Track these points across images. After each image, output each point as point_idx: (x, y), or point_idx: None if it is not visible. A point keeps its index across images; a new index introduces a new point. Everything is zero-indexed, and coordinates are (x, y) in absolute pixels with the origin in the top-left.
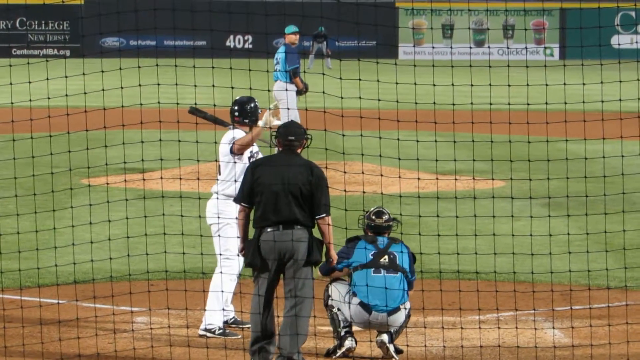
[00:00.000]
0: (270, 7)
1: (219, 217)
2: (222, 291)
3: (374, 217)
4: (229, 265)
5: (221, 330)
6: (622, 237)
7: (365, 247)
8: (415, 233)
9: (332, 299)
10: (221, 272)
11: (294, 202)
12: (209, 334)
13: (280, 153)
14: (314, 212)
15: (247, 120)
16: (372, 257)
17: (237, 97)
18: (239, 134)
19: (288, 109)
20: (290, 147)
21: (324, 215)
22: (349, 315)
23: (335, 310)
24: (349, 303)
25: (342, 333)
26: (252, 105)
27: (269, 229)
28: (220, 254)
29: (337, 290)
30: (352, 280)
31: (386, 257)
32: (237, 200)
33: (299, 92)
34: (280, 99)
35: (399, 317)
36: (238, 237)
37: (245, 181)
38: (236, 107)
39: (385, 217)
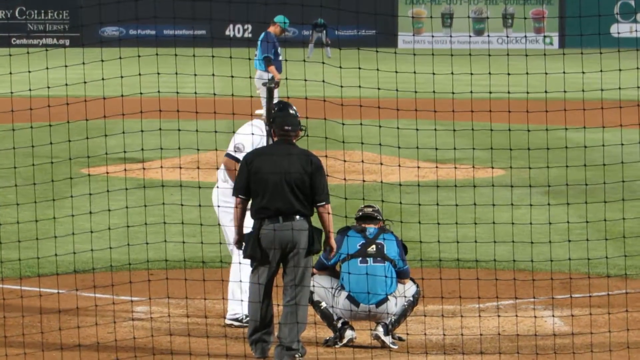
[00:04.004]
0: None
1: (218, 207)
2: (241, 281)
3: (363, 207)
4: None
5: (248, 318)
6: (621, 225)
7: (353, 236)
8: (415, 221)
9: (316, 295)
10: (233, 262)
11: (293, 192)
12: (235, 323)
13: (275, 143)
14: (314, 201)
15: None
16: (359, 247)
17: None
18: (255, 129)
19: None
20: (287, 137)
21: (324, 203)
22: (339, 309)
23: (323, 305)
24: (337, 297)
25: (339, 325)
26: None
27: (268, 221)
28: (230, 243)
29: (320, 284)
30: (341, 271)
31: (374, 246)
32: (234, 192)
33: (266, 84)
34: (259, 87)
35: (389, 306)
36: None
37: (242, 173)
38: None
39: (375, 208)
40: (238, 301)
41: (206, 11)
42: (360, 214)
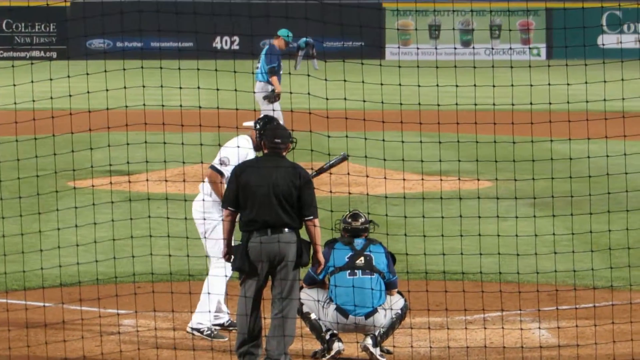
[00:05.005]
0: (255, 8)
1: (204, 219)
2: (209, 293)
3: (349, 220)
4: (221, 267)
5: (209, 332)
6: (607, 237)
7: (341, 249)
8: (401, 234)
9: (306, 307)
10: (208, 274)
11: (282, 205)
12: (196, 333)
13: (265, 156)
14: (302, 214)
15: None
16: (347, 259)
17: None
18: (242, 142)
19: (273, 110)
20: (276, 150)
21: (312, 217)
22: (328, 321)
23: (312, 316)
24: (326, 309)
25: (328, 337)
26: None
27: (257, 233)
28: (207, 256)
29: (309, 296)
30: (329, 284)
31: (362, 258)
32: (223, 204)
33: (268, 97)
34: (258, 99)
35: (378, 318)
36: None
37: (231, 185)
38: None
39: (362, 219)
40: (205, 313)
41: (192, 23)
42: (349, 227)
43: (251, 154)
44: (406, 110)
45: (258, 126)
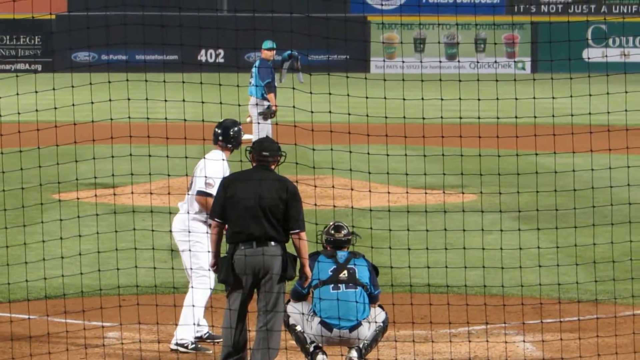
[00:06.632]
0: (241, 21)
1: (189, 233)
2: (194, 306)
3: (332, 231)
4: (202, 281)
5: (193, 345)
6: (592, 251)
7: (324, 262)
8: (386, 247)
9: (292, 319)
10: (192, 287)
11: (268, 218)
12: (181, 349)
13: (253, 169)
14: (288, 228)
15: (229, 145)
16: (331, 273)
17: (223, 120)
18: (216, 156)
19: (259, 123)
20: (264, 162)
21: (299, 230)
22: (312, 334)
23: (298, 328)
24: (310, 322)
25: (311, 349)
26: (236, 129)
27: (242, 246)
28: (191, 269)
29: (295, 309)
30: (313, 297)
31: (345, 272)
32: (210, 215)
33: (263, 113)
34: (252, 114)
35: (362, 331)
36: (209, 251)
37: (219, 197)
38: (219, 131)
39: (344, 231)
40: (188, 327)
41: (177, 36)
42: (332, 239)
43: (226, 165)
44: (391, 124)
45: (219, 131)
